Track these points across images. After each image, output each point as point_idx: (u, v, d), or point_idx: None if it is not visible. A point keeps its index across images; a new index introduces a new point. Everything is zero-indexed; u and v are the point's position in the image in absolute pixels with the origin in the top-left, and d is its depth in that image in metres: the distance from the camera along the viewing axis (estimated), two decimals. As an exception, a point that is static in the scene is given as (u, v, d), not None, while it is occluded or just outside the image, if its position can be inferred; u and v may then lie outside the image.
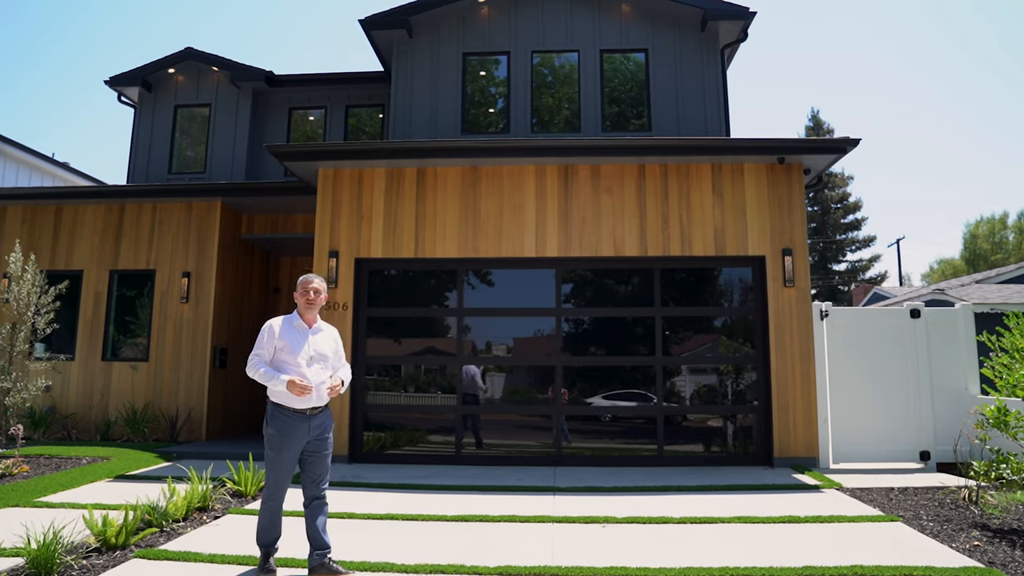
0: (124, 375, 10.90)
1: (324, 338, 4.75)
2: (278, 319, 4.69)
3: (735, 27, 11.64)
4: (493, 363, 9.51)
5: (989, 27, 77.46)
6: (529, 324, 9.55)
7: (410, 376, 9.63)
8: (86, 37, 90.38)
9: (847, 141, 8.85)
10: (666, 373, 9.20)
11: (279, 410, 4.51)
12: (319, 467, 4.65)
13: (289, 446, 4.48)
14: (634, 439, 9.38)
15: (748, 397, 9.11)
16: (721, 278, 9.47)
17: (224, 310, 11.29)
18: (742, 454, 8.98)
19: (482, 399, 9.38)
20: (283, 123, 13.74)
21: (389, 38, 12.01)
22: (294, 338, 4.59)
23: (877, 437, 8.84)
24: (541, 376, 9.39)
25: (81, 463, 8.39)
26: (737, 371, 9.28)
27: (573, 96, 11.88)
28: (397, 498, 6.87)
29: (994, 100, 78.94)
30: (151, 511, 5.50)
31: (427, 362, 9.59)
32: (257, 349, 4.57)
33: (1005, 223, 47.62)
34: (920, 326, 9.00)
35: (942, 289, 13.99)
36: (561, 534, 5.58)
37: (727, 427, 9.19)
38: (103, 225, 11.38)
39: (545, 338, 9.41)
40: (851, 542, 5.35)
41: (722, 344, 9.33)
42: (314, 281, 4.74)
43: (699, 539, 5.46)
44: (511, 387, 9.57)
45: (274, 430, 4.49)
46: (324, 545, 4.57)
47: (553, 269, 9.35)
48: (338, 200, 9.50)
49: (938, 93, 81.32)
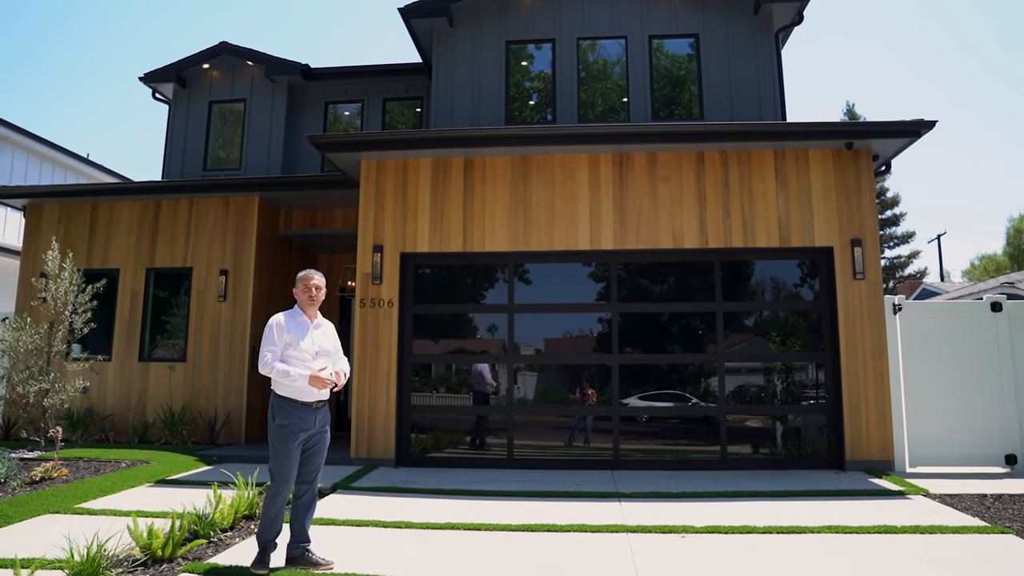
0: (161, 376, 10.63)
1: (325, 333, 4.82)
2: (281, 315, 4.70)
3: (790, 9, 11.09)
4: (544, 361, 9.09)
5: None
6: (580, 321, 9.09)
7: (458, 376, 9.22)
8: (110, 35, 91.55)
9: (921, 124, 8.28)
10: (727, 371, 8.69)
11: (287, 403, 4.54)
12: (315, 460, 4.69)
13: (296, 437, 4.52)
14: (694, 441, 8.90)
15: (816, 396, 8.58)
16: (786, 271, 8.93)
17: (262, 309, 10.98)
18: (811, 457, 8.44)
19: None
20: (319, 117, 13.42)
21: (429, 27, 11.62)
22: (300, 333, 4.66)
23: (956, 439, 8.25)
24: (593, 375, 8.93)
25: (120, 467, 8.09)
26: (803, 369, 8.75)
27: (621, 84, 11.41)
28: (454, 505, 6.45)
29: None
30: (198, 520, 5.13)
31: (474, 361, 9.16)
32: (268, 346, 4.57)
33: (1050, 217, 46.05)
34: (1002, 320, 8.39)
35: (1012, 282, 13.28)
36: (639, 546, 5.11)
37: (794, 428, 8.65)
38: (139, 223, 11.14)
39: (598, 336, 8.94)
40: (965, 558, 4.83)
41: (787, 341, 8.79)
42: (315, 278, 4.80)
43: (793, 553, 4.96)
44: (558, 387, 9.14)
45: (283, 421, 4.51)
46: (306, 538, 4.62)
47: (609, 262, 8.89)
48: (382, 192, 9.12)
49: (977, 81, 79.34)
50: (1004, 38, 77.64)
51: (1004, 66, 78.49)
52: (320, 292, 4.80)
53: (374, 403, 8.70)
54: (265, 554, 4.51)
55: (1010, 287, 12.68)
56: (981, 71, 79.76)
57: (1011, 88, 77.89)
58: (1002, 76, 78.70)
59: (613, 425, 8.63)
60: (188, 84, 13.53)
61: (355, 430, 8.66)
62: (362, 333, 8.79)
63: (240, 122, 13.34)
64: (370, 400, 8.70)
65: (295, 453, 4.54)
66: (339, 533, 5.40)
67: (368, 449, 8.62)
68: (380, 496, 6.87)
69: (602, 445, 8.70)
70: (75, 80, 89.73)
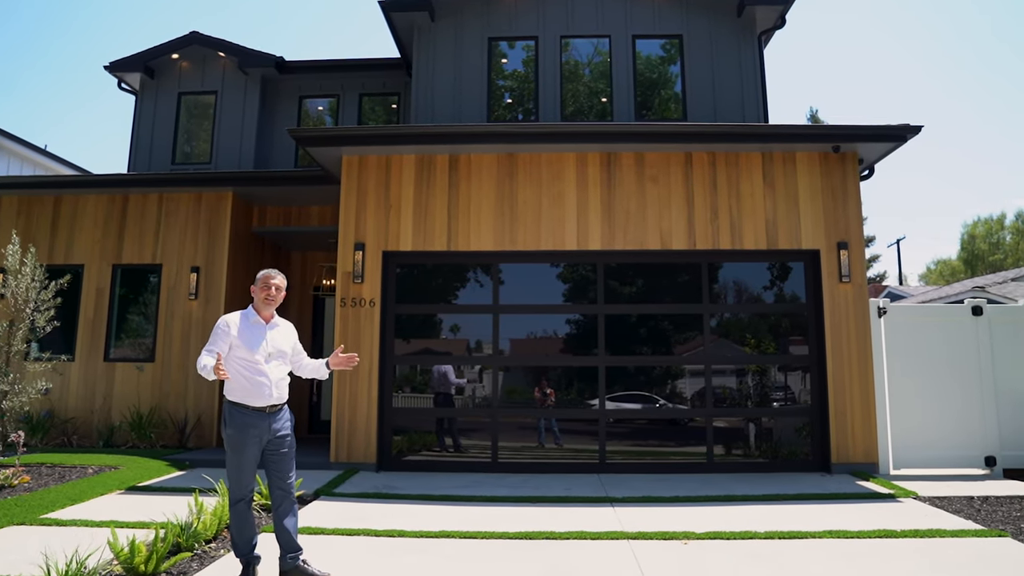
0: (128, 377, 10.20)
1: (281, 333, 4.58)
2: (234, 315, 4.46)
3: (773, 13, 11.11)
4: (529, 363, 8.93)
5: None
6: (566, 322, 8.95)
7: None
8: (86, 25, 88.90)
9: (907, 128, 8.33)
10: (715, 374, 8.64)
11: (236, 408, 4.30)
12: (284, 466, 4.40)
13: (249, 446, 4.26)
14: (680, 443, 8.81)
15: (803, 400, 8.57)
16: (773, 273, 8.91)
17: (235, 307, 10.54)
18: (797, 460, 8.42)
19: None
20: (293, 112, 13.07)
21: (410, 21, 11.38)
22: (252, 334, 4.40)
23: (938, 442, 8.31)
24: (578, 377, 8.80)
25: (87, 473, 7.71)
26: (790, 373, 8.74)
27: (604, 83, 11.31)
28: (444, 512, 6.25)
29: (990, 97, 79.22)
30: (181, 532, 4.85)
31: (458, 362, 8.96)
32: (209, 345, 4.30)
33: (1003, 224, 47.59)
34: (982, 324, 8.48)
35: (983, 286, 13.54)
36: (643, 554, 4.98)
37: (779, 431, 8.63)
38: (105, 217, 10.67)
39: (584, 337, 8.81)
40: (967, 562, 4.80)
41: (773, 344, 8.77)
42: (275, 277, 4.55)
43: (799, 560, 4.88)
44: (560, 390, 8.98)
45: (233, 430, 4.27)
46: (296, 547, 4.34)
47: (596, 263, 8.76)
48: (364, 189, 8.87)
49: (935, 89, 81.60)
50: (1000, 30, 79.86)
51: (950, 84, 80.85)
52: (280, 293, 4.54)
53: (355, 405, 8.44)
54: (248, 569, 4.27)
55: (981, 291, 12.93)
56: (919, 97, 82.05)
57: (963, 102, 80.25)
58: (953, 92, 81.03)
59: (600, 427, 8.51)
60: (156, 74, 13.05)
61: (335, 433, 8.40)
62: (342, 333, 8.53)
63: (211, 115, 12.91)
64: (350, 402, 8.44)
65: (248, 463, 4.29)
66: (329, 543, 5.17)
67: (348, 453, 8.36)
68: (365, 502, 6.64)
69: (588, 447, 8.57)
70: (33, 69, 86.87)
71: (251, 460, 4.29)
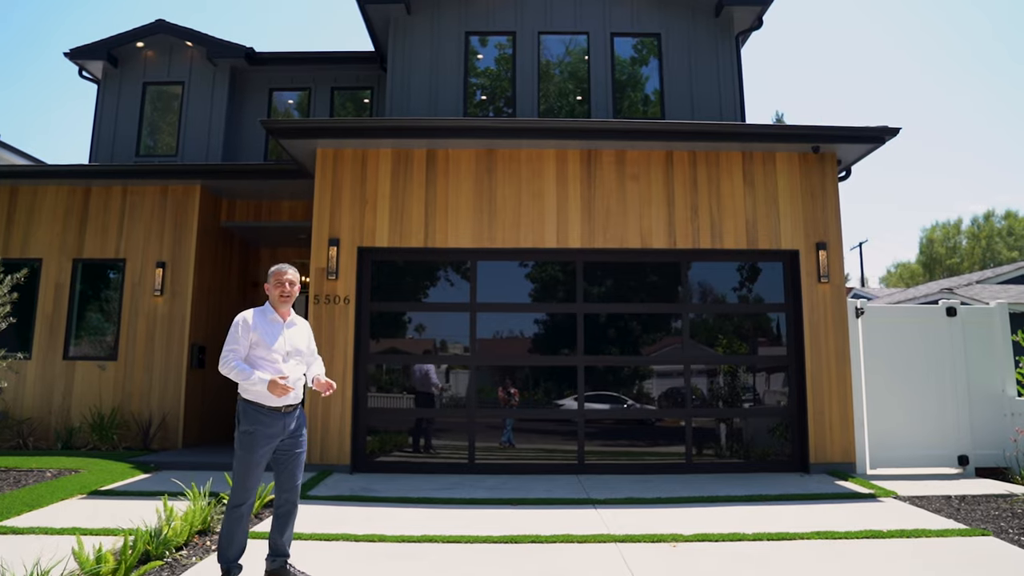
0: (89, 376, 9.80)
1: (298, 332, 4.46)
2: (250, 311, 4.34)
3: (751, 14, 11.14)
4: (507, 363, 8.78)
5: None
6: (545, 321, 8.82)
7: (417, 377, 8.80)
8: (43, 7, 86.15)
9: (885, 130, 8.38)
10: (694, 374, 8.59)
11: (253, 407, 4.18)
12: (294, 467, 4.33)
13: (263, 445, 4.16)
14: (659, 444, 8.74)
15: (781, 400, 8.57)
16: (753, 273, 8.89)
17: (203, 304, 10.29)
18: (775, 460, 8.42)
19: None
20: (263, 105, 12.74)
21: (385, 14, 11.14)
22: (270, 332, 4.29)
23: (913, 441, 8.37)
24: (557, 377, 8.68)
25: (46, 477, 7.35)
26: (770, 373, 8.73)
27: (582, 81, 11.21)
28: (425, 515, 6.07)
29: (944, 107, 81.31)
30: (150, 539, 4.59)
31: (435, 361, 8.77)
32: (231, 344, 4.20)
33: (959, 228, 48.82)
34: (956, 325, 8.58)
35: (951, 288, 13.77)
36: (632, 557, 4.87)
37: (759, 432, 8.61)
38: (65, 210, 10.25)
39: (563, 336, 8.69)
40: (956, 562, 4.78)
41: (752, 343, 8.76)
42: (288, 272, 4.41)
43: (790, 561, 4.81)
44: (527, 390, 8.84)
45: (248, 428, 4.15)
46: (286, 552, 4.26)
47: (576, 261, 8.65)
48: (339, 183, 8.63)
49: (887, 100, 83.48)
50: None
51: (915, 91, 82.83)
52: (295, 288, 4.43)
53: (328, 406, 8.21)
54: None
55: (949, 293, 13.15)
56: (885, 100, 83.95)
57: (925, 111, 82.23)
58: (919, 101, 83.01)
59: (578, 428, 8.40)
60: (120, 63, 12.60)
61: (307, 434, 8.13)
62: (316, 331, 8.23)
63: (178, 107, 12.51)
64: (324, 403, 8.20)
65: (259, 463, 4.17)
66: (308, 549, 4.96)
67: (321, 455, 8.13)
68: (342, 506, 6.43)
69: (567, 448, 8.46)
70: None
71: (261, 461, 4.18)
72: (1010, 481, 7.79)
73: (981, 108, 78.19)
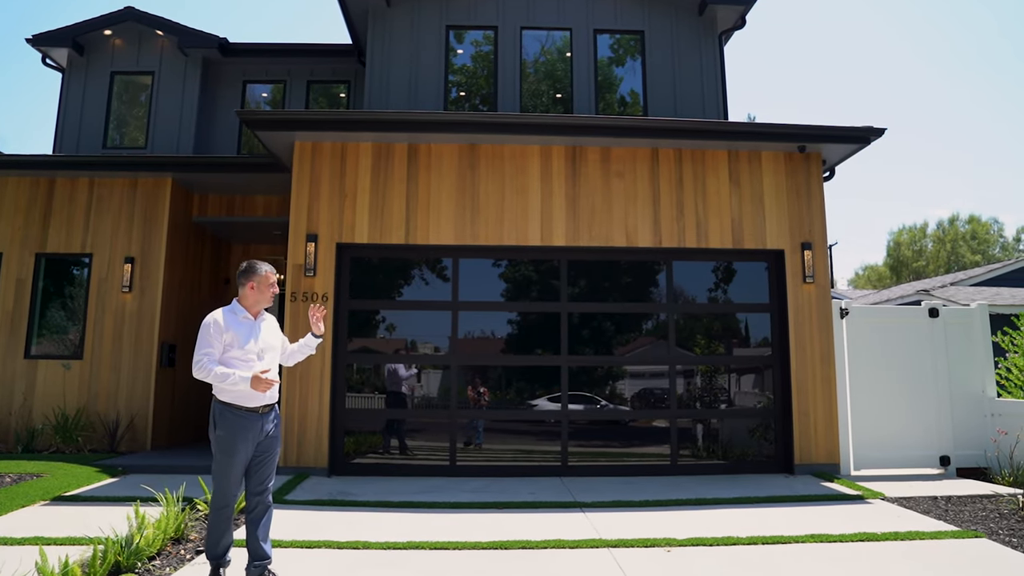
0: (53, 375, 9.40)
1: (269, 327, 4.39)
2: (219, 312, 4.21)
3: (734, 13, 11.08)
4: (488, 362, 8.59)
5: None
6: (528, 320, 8.66)
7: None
8: None
9: (870, 131, 8.36)
10: (679, 375, 8.49)
11: (229, 410, 4.06)
12: (267, 468, 4.22)
13: (242, 448, 4.05)
14: (643, 445, 8.63)
15: (766, 402, 8.51)
16: (738, 273, 8.82)
17: (173, 302, 9.94)
18: (760, 461, 8.36)
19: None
20: (237, 97, 12.37)
21: (364, 6, 10.87)
22: (244, 332, 4.19)
23: (896, 442, 8.37)
24: (538, 377, 8.52)
25: (5, 482, 6.99)
26: (755, 374, 8.67)
27: (565, 77, 11.07)
28: (408, 520, 5.87)
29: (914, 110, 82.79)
30: (121, 549, 4.33)
31: (415, 361, 8.56)
32: (204, 347, 4.06)
33: (925, 232, 49.74)
34: (938, 326, 8.59)
35: (927, 289, 13.91)
36: (627, 563, 4.72)
37: (743, 433, 8.54)
38: (27, 202, 9.82)
39: (546, 335, 8.53)
40: (952, 564, 4.72)
41: (736, 343, 8.70)
42: (273, 273, 4.39)
43: (786, 565, 4.70)
44: (500, 390, 8.67)
45: (224, 432, 4.04)
46: (265, 555, 4.12)
47: (560, 259, 8.50)
48: (317, 177, 8.37)
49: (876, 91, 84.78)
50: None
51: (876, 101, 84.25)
52: (276, 288, 4.44)
53: (305, 407, 7.95)
54: (218, 572, 4.03)
55: (925, 294, 13.28)
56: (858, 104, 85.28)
57: (925, 110, 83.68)
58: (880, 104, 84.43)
59: (562, 429, 8.25)
60: (86, 51, 12.15)
61: (284, 436, 7.88)
62: (292, 330, 8.01)
63: (147, 98, 12.09)
64: (300, 404, 7.94)
65: (239, 465, 4.08)
66: (290, 557, 4.73)
67: (298, 457, 7.87)
68: (321, 511, 6.19)
69: (549, 449, 8.30)
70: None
71: (241, 464, 4.07)
72: (992, 481, 7.81)
73: (983, 104, 78.71)
